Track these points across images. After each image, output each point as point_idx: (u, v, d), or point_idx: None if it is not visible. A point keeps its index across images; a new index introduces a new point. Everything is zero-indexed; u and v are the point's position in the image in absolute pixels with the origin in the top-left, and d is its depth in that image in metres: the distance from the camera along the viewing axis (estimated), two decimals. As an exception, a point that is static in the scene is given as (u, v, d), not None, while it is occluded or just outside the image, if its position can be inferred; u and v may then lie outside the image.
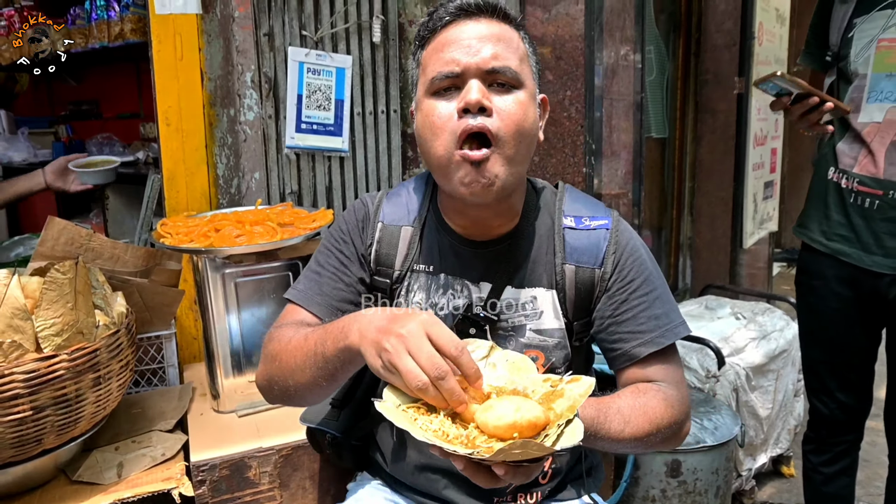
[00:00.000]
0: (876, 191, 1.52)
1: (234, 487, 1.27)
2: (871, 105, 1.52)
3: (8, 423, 1.03)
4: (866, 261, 1.56)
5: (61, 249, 1.38)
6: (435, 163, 0.95)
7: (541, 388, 0.84)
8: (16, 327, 1.05)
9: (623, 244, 1.02)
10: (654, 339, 0.99)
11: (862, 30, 1.54)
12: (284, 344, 0.96)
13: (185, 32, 1.77)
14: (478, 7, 0.94)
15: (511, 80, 0.93)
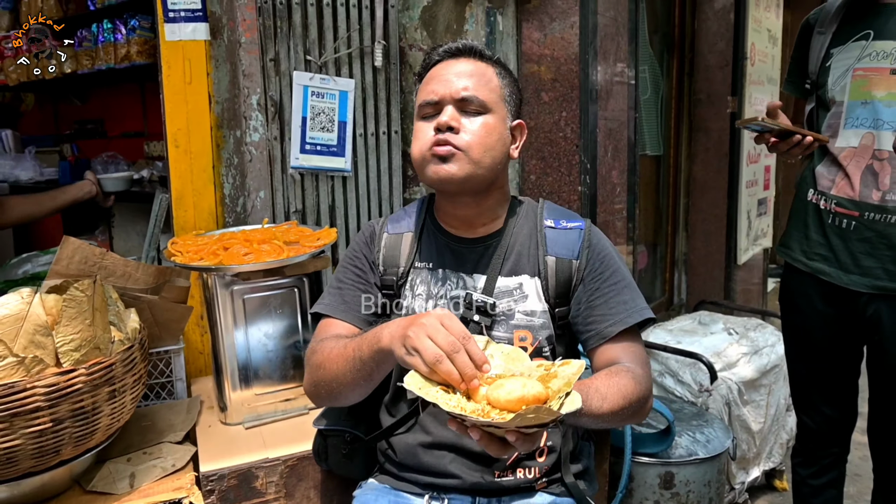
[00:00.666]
0: (852, 212, 1.57)
1: (242, 497, 1.32)
2: (848, 131, 1.59)
3: (29, 435, 1.08)
4: (844, 279, 1.60)
5: (76, 268, 1.43)
6: (415, 162, 1.18)
7: (536, 372, 0.95)
8: (37, 343, 1.11)
9: (595, 242, 1.22)
10: (622, 319, 1.16)
11: (838, 59, 1.60)
12: (328, 354, 1.12)
13: (193, 58, 1.84)
14: (459, 50, 1.19)
15: (479, 107, 1.14)
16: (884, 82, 1.54)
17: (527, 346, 1.17)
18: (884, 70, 1.54)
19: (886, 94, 1.54)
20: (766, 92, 3.92)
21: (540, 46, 2.32)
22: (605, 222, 2.68)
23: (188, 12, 1.83)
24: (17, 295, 1.14)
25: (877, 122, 1.54)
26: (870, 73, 1.56)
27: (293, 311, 1.52)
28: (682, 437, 1.86)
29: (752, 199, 3.87)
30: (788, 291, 1.76)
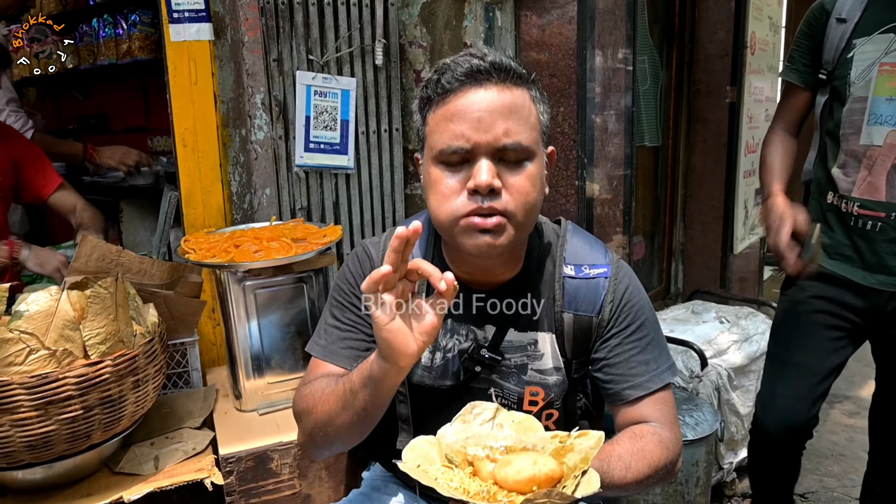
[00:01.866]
0: (878, 213, 1.53)
1: (259, 477, 1.41)
2: (871, 128, 1.52)
3: (63, 421, 1.17)
4: (870, 280, 1.58)
5: (94, 265, 1.51)
6: (440, 225, 0.98)
7: (549, 444, 0.87)
8: (66, 336, 1.19)
9: (620, 293, 1.08)
10: (642, 383, 1.06)
11: (863, 52, 1.52)
12: (318, 396, 1.02)
13: (198, 58, 1.89)
14: (488, 71, 0.93)
15: (522, 154, 0.94)
16: None
17: (538, 401, 1.10)
18: None
19: None
20: (766, 80, 3.90)
21: (538, 41, 2.37)
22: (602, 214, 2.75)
23: (192, 13, 1.87)
24: (46, 292, 1.22)
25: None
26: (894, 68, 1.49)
27: (302, 304, 1.60)
28: (672, 419, 1.94)
29: (750, 189, 3.90)
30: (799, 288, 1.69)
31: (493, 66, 0.93)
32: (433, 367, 1.12)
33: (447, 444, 0.89)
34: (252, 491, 1.41)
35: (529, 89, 0.97)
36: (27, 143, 2.07)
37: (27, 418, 1.14)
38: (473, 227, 0.94)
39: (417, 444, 0.87)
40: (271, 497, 1.43)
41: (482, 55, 0.95)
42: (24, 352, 1.15)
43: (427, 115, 0.99)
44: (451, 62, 0.96)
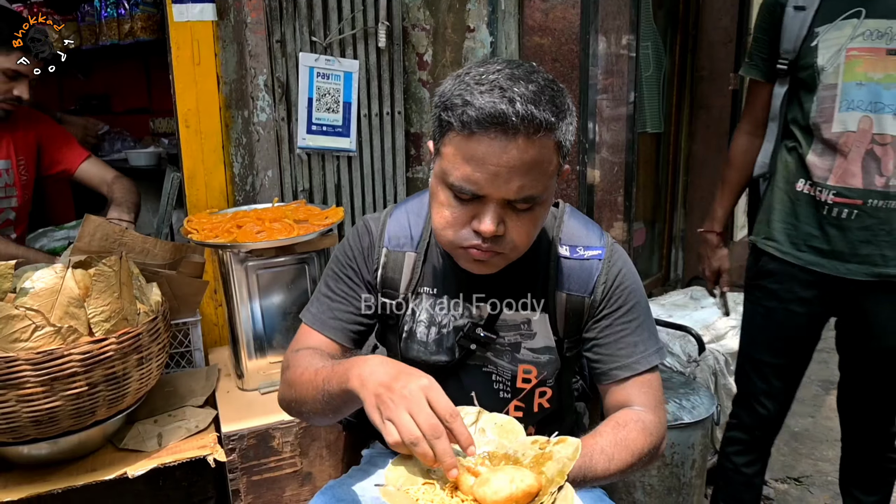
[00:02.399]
0: (855, 200, 1.53)
1: (261, 455, 1.43)
2: (843, 114, 1.52)
3: (68, 397, 1.19)
4: (842, 269, 1.57)
5: (97, 244, 1.52)
6: (440, 242, 1.01)
7: (530, 450, 0.89)
8: (71, 314, 1.21)
9: (613, 275, 1.09)
10: (629, 364, 1.07)
11: (827, 39, 1.52)
12: (299, 374, 1.04)
13: (201, 39, 1.88)
14: (515, 127, 0.86)
15: (532, 203, 0.94)
16: (881, 63, 1.48)
17: (531, 378, 1.12)
18: (880, 50, 1.48)
19: (884, 75, 1.48)
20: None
21: (541, 25, 2.36)
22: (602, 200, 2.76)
23: (195, -7, 1.87)
24: (51, 270, 1.23)
25: (875, 104, 1.49)
26: (864, 54, 1.49)
27: (304, 285, 1.62)
28: (669, 404, 1.96)
29: (750, 178, 3.90)
30: (768, 279, 1.70)
31: (522, 120, 0.86)
32: (428, 342, 1.15)
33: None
34: (254, 468, 1.43)
35: (556, 135, 0.90)
36: (51, 123, 2.10)
37: (33, 394, 1.16)
38: (471, 256, 0.97)
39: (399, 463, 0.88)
40: (273, 474, 1.45)
41: (511, 98, 0.86)
42: (30, 328, 1.16)
43: (444, 137, 0.94)
44: (477, 90, 0.88)
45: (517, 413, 1.16)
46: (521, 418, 1.13)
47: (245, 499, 1.43)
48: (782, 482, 2.59)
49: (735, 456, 1.83)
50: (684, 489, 1.97)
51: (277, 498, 1.46)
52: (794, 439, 2.89)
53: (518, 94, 0.87)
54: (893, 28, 1.48)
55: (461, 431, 0.83)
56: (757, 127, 1.74)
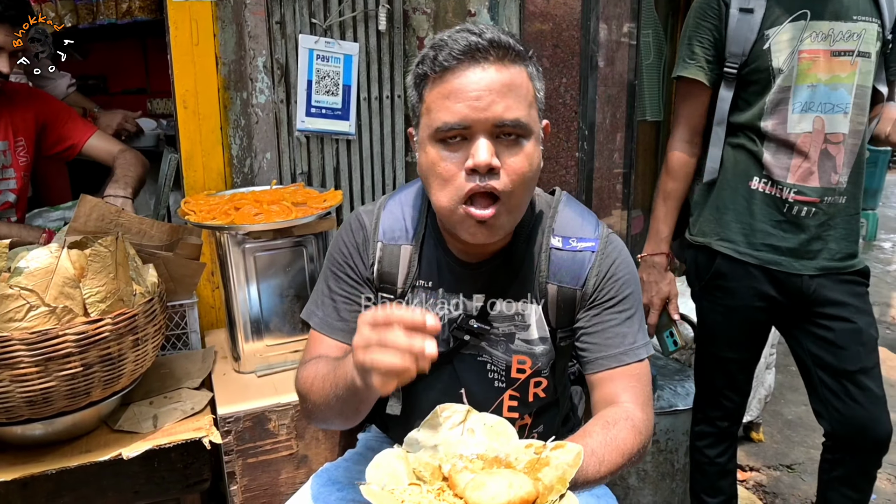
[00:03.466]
0: (813, 199, 1.56)
1: (257, 437, 1.43)
2: (798, 115, 1.54)
3: (62, 378, 1.18)
4: (796, 266, 1.60)
5: (93, 225, 1.50)
6: (440, 211, 1.00)
7: (524, 455, 0.84)
8: (66, 294, 1.20)
9: (606, 267, 1.08)
10: (615, 355, 1.06)
11: (777, 41, 1.53)
12: (309, 385, 1.03)
13: (200, 19, 1.86)
14: (486, 49, 0.92)
15: (520, 130, 0.94)
16: (826, 65, 1.52)
17: (525, 369, 1.11)
18: (826, 52, 1.52)
19: (830, 76, 1.53)
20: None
21: (543, 11, 2.35)
22: (601, 188, 2.75)
23: (193, -28, 1.85)
24: (46, 249, 1.22)
25: (825, 105, 1.53)
26: (813, 56, 1.53)
27: (301, 268, 1.61)
28: (664, 390, 1.97)
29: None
30: (724, 278, 1.69)
31: (491, 43, 0.92)
32: None
33: (415, 457, 0.86)
34: (250, 450, 1.43)
35: (527, 66, 0.97)
36: (53, 101, 2.07)
37: (27, 374, 1.15)
38: (471, 218, 0.95)
39: (383, 461, 0.83)
40: (269, 457, 1.45)
41: (480, 32, 0.93)
42: (24, 308, 1.15)
43: (423, 92, 0.98)
44: (448, 38, 0.95)
45: (512, 402, 1.15)
46: (516, 408, 1.15)
47: (240, 481, 1.43)
48: (775, 469, 2.61)
49: (707, 449, 1.84)
50: (678, 475, 1.99)
51: (273, 480, 1.46)
52: (787, 427, 2.91)
53: (485, 28, 0.95)
54: (836, 30, 1.52)
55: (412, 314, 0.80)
56: (694, 135, 1.70)
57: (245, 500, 1.44)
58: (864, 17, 1.53)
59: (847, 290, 1.62)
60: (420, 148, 1.01)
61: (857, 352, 1.60)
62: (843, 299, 1.61)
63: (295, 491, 1.23)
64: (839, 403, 1.62)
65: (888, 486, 2.51)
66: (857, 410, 1.60)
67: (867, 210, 6.75)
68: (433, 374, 1.06)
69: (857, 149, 1.58)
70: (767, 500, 2.43)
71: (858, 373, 1.60)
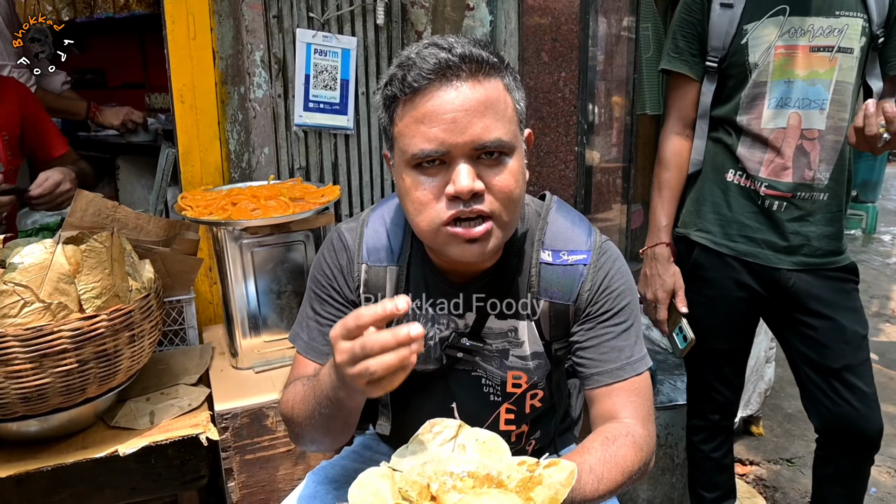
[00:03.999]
0: (785, 193, 1.57)
1: (254, 433, 1.42)
2: (773, 111, 1.55)
3: (57, 374, 1.18)
4: (773, 259, 1.61)
5: (89, 220, 1.50)
6: (422, 236, 0.94)
7: (516, 472, 0.80)
8: (61, 290, 1.19)
9: (599, 280, 1.03)
10: (612, 370, 1.01)
11: (756, 37, 1.54)
12: (291, 408, 0.99)
13: (197, 12, 1.85)
14: (457, 66, 0.86)
15: (501, 149, 0.89)
16: (804, 60, 1.52)
17: (521, 384, 1.08)
18: (804, 48, 1.52)
19: (808, 72, 1.53)
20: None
21: (541, 6, 2.33)
22: (601, 182, 2.75)
23: (190, -35, 1.84)
24: (41, 245, 1.21)
25: (802, 101, 1.54)
26: (790, 51, 1.53)
27: (299, 263, 1.60)
28: (663, 385, 1.97)
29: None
30: (704, 269, 1.70)
31: (462, 59, 0.86)
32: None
33: (401, 476, 0.82)
34: (247, 447, 1.42)
35: (503, 78, 0.91)
36: (37, 106, 2.05)
37: (21, 370, 1.15)
38: (459, 238, 0.90)
39: (367, 481, 0.79)
40: (266, 453, 1.45)
41: (449, 46, 0.88)
42: (19, 304, 1.14)
43: (394, 116, 0.92)
44: (416, 56, 0.89)
45: (509, 415, 1.11)
46: (513, 420, 1.12)
47: (238, 477, 1.42)
48: (775, 463, 2.61)
49: (702, 444, 1.84)
50: (678, 470, 1.99)
51: (271, 477, 1.46)
52: (787, 421, 2.90)
53: (455, 42, 0.88)
54: (815, 25, 1.51)
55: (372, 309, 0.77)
56: (685, 126, 1.71)
57: (242, 496, 1.44)
58: (848, 12, 1.51)
59: (830, 287, 1.61)
60: (396, 173, 0.96)
61: (840, 350, 1.60)
62: (826, 296, 1.61)
63: (293, 488, 1.23)
64: (827, 401, 1.62)
65: (888, 480, 2.51)
66: (845, 408, 1.59)
67: (866, 203, 6.75)
68: (428, 389, 1.05)
69: (840, 145, 1.56)
70: (768, 494, 2.43)
71: (843, 370, 1.59)
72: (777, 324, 1.74)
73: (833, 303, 1.61)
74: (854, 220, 6.60)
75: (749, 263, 1.64)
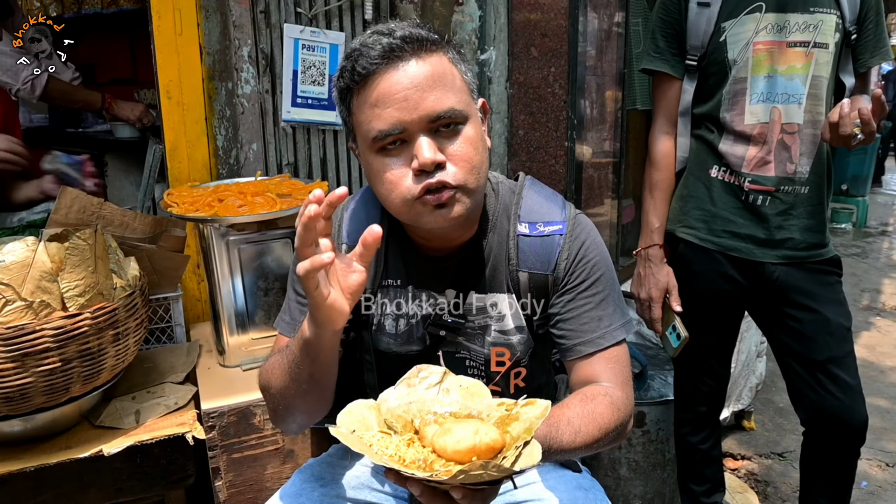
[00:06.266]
0: (768, 187, 1.58)
1: (241, 432, 1.41)
2: (755, 106, 1.57)
3: (40, 373, 1.16)
4: (756, 253, 1.62)
5: (74, 217, 1.48)
6: (396, 213, 0.99)
7: (495, 412, 0.85)
8: (44, 288, 1.18)
9: (575, 249, 1.06)
10: (594, 339, 1.05)
11: (734, 34, 1.56)
12: (271, 370, 1.01)
13: (183, 7, 1.83)
14: (401, 48, 0.92)
15: (456, 118, 0.94)
16: (783, 56, 1.54)
17: (505, 361, 1.10)
18: (781, 43, 1.54)
19: (787, 67, 1.54)
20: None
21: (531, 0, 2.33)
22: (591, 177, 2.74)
23: (177, -40, 1.82)
24: (23, 243, 1.20)
25: (781, 95, 1.55)
26: (768, 47, 1.55)
27: (287, 260, 1.59)
28: (654, 380, 1.97)
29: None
30: (691, 262, 1.71)
31: (404, 40, 0.92)
32: (398, 334, 1.12)
33: (388, 409, 0.86)
34: (234, 446, 1.41)
35: (446, 52, 0.96)
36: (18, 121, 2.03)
37: (3, 370, 1.13)
38: (428, 206, 0.94)
39: (354, 409, 0.84)
40: (254, 452, 1.43)
41: (390, 31, 0.93)
42: (0, 303, 1.13)
43: (350, 106, 0.97)
44: (361, 46, 0.94)
45: None
46: None
47: (225, 477, 1.41)
48: (766, 457, 2.62)
49: (689, 436, 1.85)
50: (669, 465, 1.98)
51: (259, 476, 1.45)
52: (779, 415, 2.91)
53: (396, 26, 0.95)
54: (790, 21, 1.54)
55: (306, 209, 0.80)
56: (672, 125, 1.73)
57: (230, 495, 1.43)
58: (822, 9, 1.53)
59: (814, 280, 1.62)
60: (363, 160, 1.00)
61: (825, 342, 1.61)
62: (810, 289, 1.62)
63: (281, 486, 1.21)
64: (812, 393, 1.63)
65: (879, 473, 2.52)
66: (829, 400, 1.60)
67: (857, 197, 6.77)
68: None
69: (818, 139, 1.58)
70: (759, 488, 2.43)
71: (827, 363, 1.60)
72: (762, 317, 1.75)
73: (817, 295, 1.62)
74: (844, 215, 6.64)
75: (734, 258, 1.65)
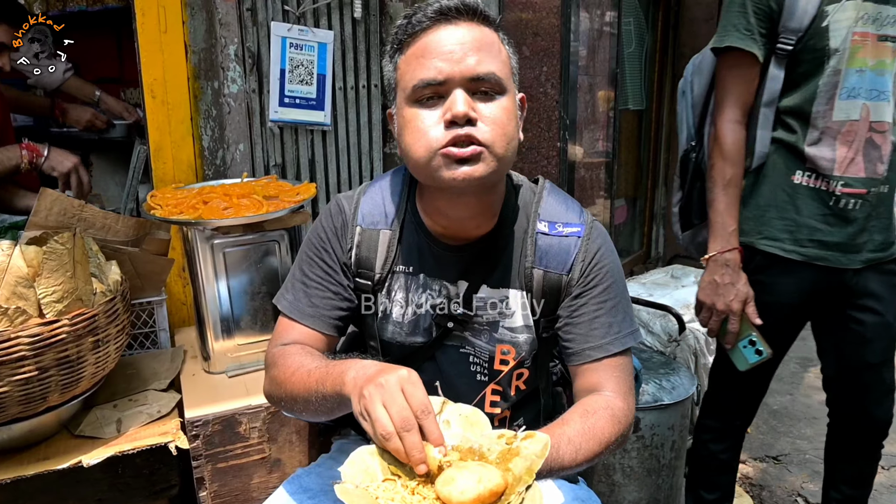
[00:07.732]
0: (860, 190, 1.49)
1: (226, 441, 1.37)
2: (844, 102, 1.46)
3: (15, 383, 1.12)
4: (843, 260, 1.54)
5: (54, 219, 1.44)
6: (417, 163, 0.96)
7: (496, 445, 0.86)
8: (20, 294, 1.13)
9: (592, 253, 1.07)
10: (603, 345, 1.05)
11: (836, 20, 1.43)
12: (290, 373, 1.00)
13: (168, 5, 1.80)
14: (457, 10, 0.94)
15: (495, 86, 0.94)
16: (873, 49, 1.45)
17: (509, 360, 1.10)
18: (873, 36, 1.44)
19: (876, 62, 1.45)
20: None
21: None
22: (584, 177, 2.72)
23: (161, -44, 1.78)
24: (-2, 247, 1.15)
25: (871, 92, 1.46)
26: (864, 39, 1.44)
27: (274, 264, 1.55)
28: (648, 384, 1.94)
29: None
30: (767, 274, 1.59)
31: (463, 4, 0.95)
32: (404, 323, 1.11)
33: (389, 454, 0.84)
34: (219, 455, 1.37)
35: (497, 32, 0.99)
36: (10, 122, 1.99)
37: (-22, 379, 1.09)
38: (451, 158, 0.93)
39: (357, 458, 0.84)
40: (239, 461, 1.40)
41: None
42: (-27, 310, 1.09)
43: (398, 60, 1.00)
44: (419, 6, 0.97)
45: (494, 397, 1.13)
46: (498, 402, 1.13)
47: (210, 487, 1.37)
48: (761, 461, 2.60)
49: (711, 443, 1.79)
50: (664, 471, 1.96)
51: (244, 486, 1.41)
52: (773, 417, 2.90)
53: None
54: (883, 13, 1.46)
55: (431, 429, 0.81)
56: (745, 114, 1.56)
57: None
58: None
59: (885, 282, 1.58)
60: (398, 116, 1.00)
61: (883, 345, 1.59)
62: (881, 292, 1.58)
63: (267, 496, 1.18)
64: (854, 393, 1.63)
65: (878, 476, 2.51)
66: (868, 399, 1.61)
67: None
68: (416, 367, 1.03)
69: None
70: (754, 492, 2.42)
71: (880, 365, 1.59)
72: (822, 323, 1.68)
73: (884, 298, 1.59)
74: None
75: (817, 267, 1.55)
